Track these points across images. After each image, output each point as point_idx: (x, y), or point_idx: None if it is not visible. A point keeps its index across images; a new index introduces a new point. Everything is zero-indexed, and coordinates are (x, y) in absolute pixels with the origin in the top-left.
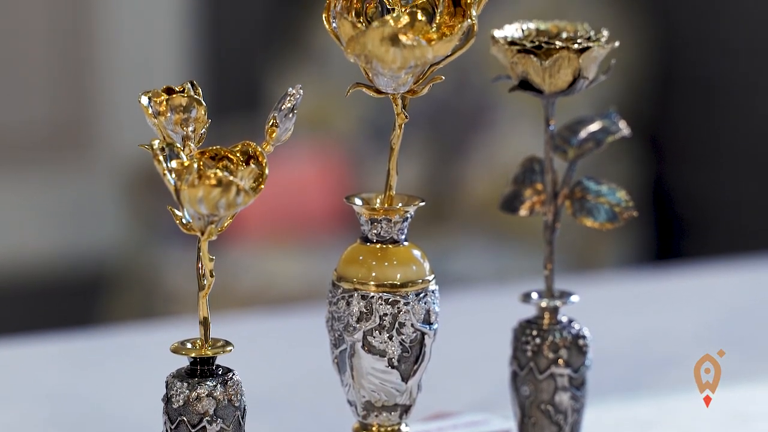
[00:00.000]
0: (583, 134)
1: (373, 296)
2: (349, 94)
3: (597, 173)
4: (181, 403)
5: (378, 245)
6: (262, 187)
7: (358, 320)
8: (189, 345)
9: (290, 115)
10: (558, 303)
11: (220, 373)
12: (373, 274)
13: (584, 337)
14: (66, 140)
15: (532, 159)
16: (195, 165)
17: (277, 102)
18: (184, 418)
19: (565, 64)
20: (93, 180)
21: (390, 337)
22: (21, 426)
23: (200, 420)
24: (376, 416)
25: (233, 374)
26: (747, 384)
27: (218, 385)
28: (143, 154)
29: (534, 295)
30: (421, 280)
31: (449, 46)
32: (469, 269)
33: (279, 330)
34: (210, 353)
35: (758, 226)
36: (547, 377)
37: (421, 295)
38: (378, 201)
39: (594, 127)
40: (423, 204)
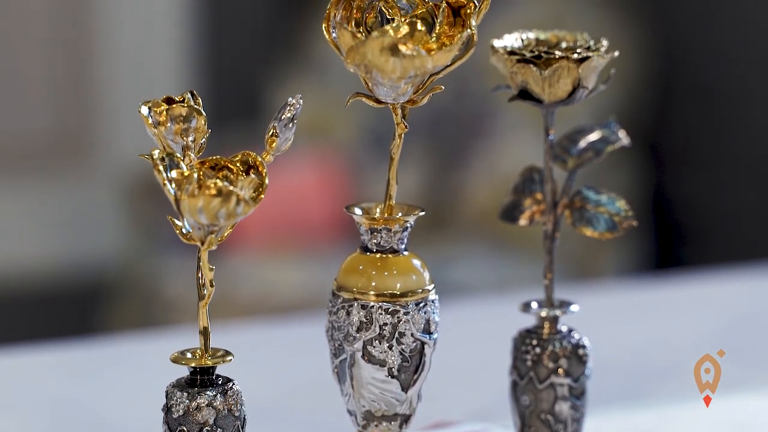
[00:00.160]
0: (582, 144)
1: (373, 306)
2: (349, 104)
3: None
4: (181, 412)
5: (378, 255)
6: (262, 197)
7: (358, 330)
8: (189, 355)
9: (290, 125)
10: (558, 312)
11: (220, 382)
12: (373, 284)
13: (584, 346)
14: (66, 149)
15: (531, 169)
16: (195, 175)
17: (277, 112)
18: (184, 428)
19: (565, 74)
20: (93, 189)
21: (390, 347)
22: None
23: (200, 430)
24: (376, 426)
25: (233, 384)
26: (747, 393)
27: (218, 395)
28: (143, 162)
29: (534, 305)
30: (421, 290)
31: (449, 56)
32: (469, 278)
33: (279, 339)
34: (210, 363)
35: (758, 234)
36: (547, 387)
37: (421, 304)
38: (378, 211)
39: (594, 136)
40: (423, 213)
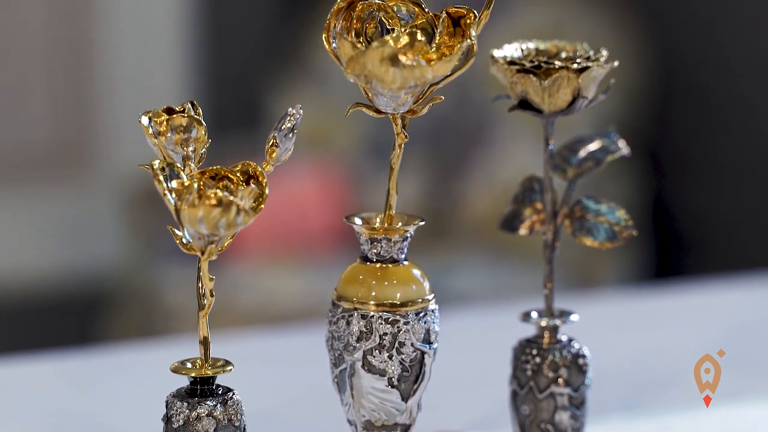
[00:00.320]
0: (582, 153)
1: (373, 315)
2: (349, 114)
3: (597, 190)
4: (181, 422)
5: (378, 264)
6: (262, 206)
7: (358, 340)
8: (189, 365)
9: (290, 135)
10: (558, 322)
11: (220, 392)
12: (373, 294)
13: (584, 356)
14: (67, 158)
15: (531, 178)
16: (195, 185)
17: (277, 122)
18: None
19: (565, 84)
20: (93, 198)
21: (390, 357)
22: None
23: None
24: None
25: (233, 394)
26: (747, 401)
27: (218, 405)
28: (143, 172)
29: (534, 315)
30: (420, 300)
31: (449, 66)
32: (469, 286)
33: (279, 349)
34: (210, 373)
35: (758, 243)
36: (547, 396)
37: (421, 314)
38: (378, 220)
39: (593, 146)
40: (423, 223)
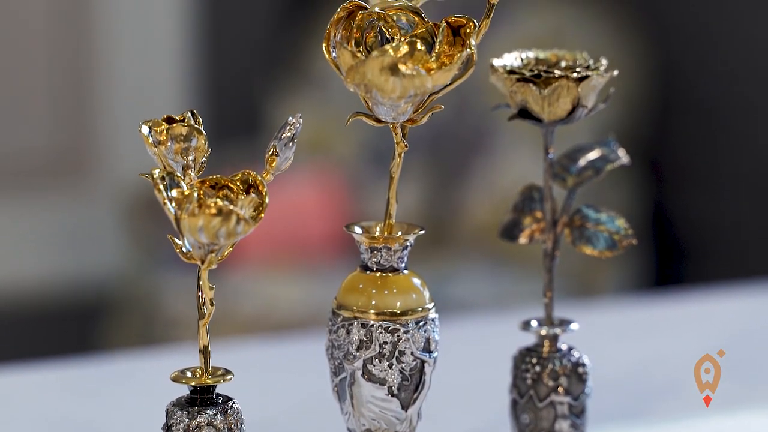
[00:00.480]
0: (582, 162)
1: (373, 324)
2: (349, 123)
3: (596, 198)
4: (181, 431)
5: (378, 273)
6: (262, 216)
7: (358, 348)
8: (189, 374)
9: (290, 144)
10: (557, 331)
11: (220, 401)
12: (373, 303)
13: (584, 365)
14: (66, 166)
15: (531, 187)
16: (195, 194)
17: (277, 131)
18: None
19: (564, 93)
20: (93, 206)
21: (390, 366)
22: None
23: None
24: None
25: (233, 403)
26: (747, 410)
27: (218, 414)
28: (143, 179)
29: (534, 323)
30: (420, 309)
31: (448, 75)
32: (469, 294)
33: (279, 357)
34: (210, 382)
35: (758, 251)
36: (547, 405)
37: (421, 323)
38: (378, 229)
39: (593, 155)
40: (423, 232)
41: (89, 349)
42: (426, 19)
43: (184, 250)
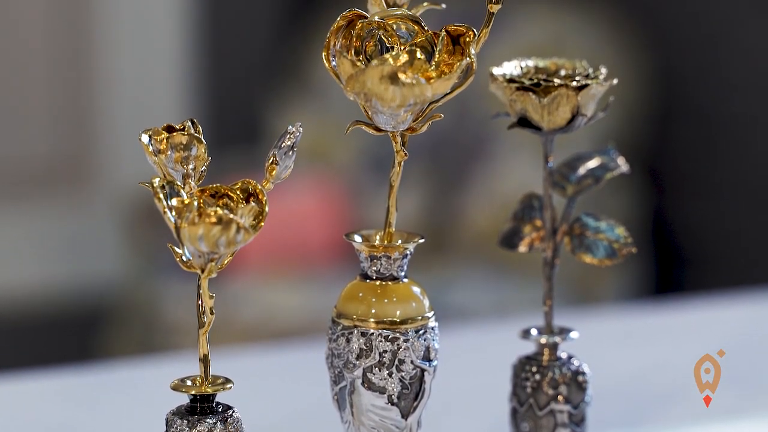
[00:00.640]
0: (581, 171)
1: (372, 333)
2: (348, 132)
3: (596, 205)
4: None
5: (377, 282)
6: (262, 224)
7: (358, 357)
8: (189, 382)
9: (290, 153)
10: (557, 339)
11: (220, 410)
12: (373, 311)
13: (584, 373)
14: (66, 174)
15: (531, 195)
16: (195, 203)
17: (277, 140)
18: None
19: (564, 102)
20: (93, 213)
21: (390, 374)
22: None
23: None
24: None
25: (233, 411)
26: (747, 419)
27: (218, 423)
28: (143, 187)
29: (533, 332)
30: (420, 317)
31: (448, 84)
32: (469, 301)
33: (279, 366)
34: (210, 391)
35: (758, 258)
36: (547, 414)
37: (421, 331)
38: (377, 238)
39: (593, 163)
40: (422, 241)
41: (89, 357)
42: (426, 28)
43: (184, 258)
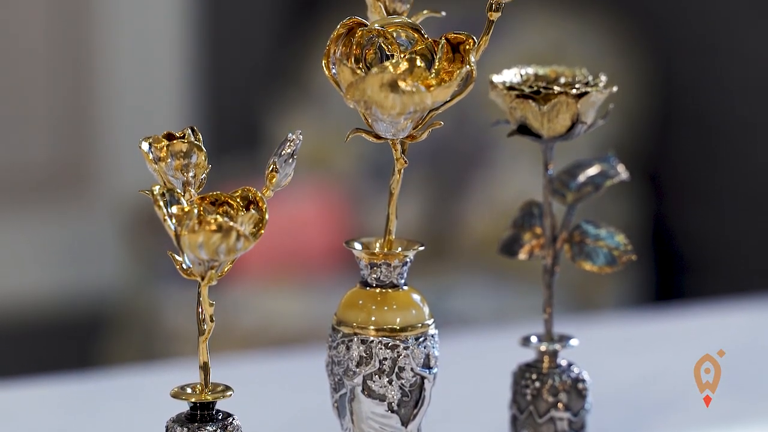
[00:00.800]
0: (581, 178)
1: (372, 341)
2: (348, 140)
3: (596, 212)
4: None
5: (377, 289)
6: (262, 232)
7: (358, 364)
8: (189, 390)
9: (290, 161)
10: (557, 347)
11: (220, 417)
12: (373, 319)
13: (584, 380)
14: (66, 180)
15: (531, 203)
16: (195, 210)
17: (277, 147)
18: None
19: (564, 109)
20: (93, 220)
21: (390, 382)
22: None
23: None
24: None
25: (233, 419)
26: (747, 427)
27: (218, 430)
28: (143, 194)
29: (533, 339)
30: (420, 325)
31: (448, 91)
32: (469, 307)
33: (279, 373)
34: (210, 398)
35: (759, 265)
36: (547, 421)
37: (421, 339)
38: (377, 245)
39: (593, 171)
40: (422, 249)
41: (89, 364)
42: (425, 36)
43: (184, 266)
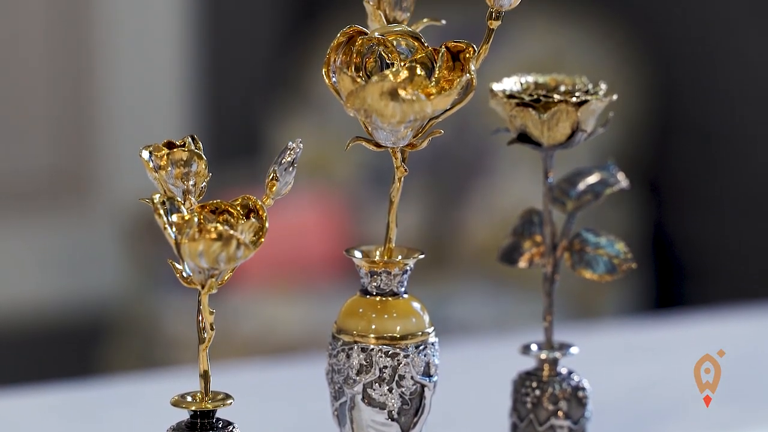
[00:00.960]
0: (581, 186)
1: (372, 349)
2: (348, 148)
3: (596, 219)
4: None
5: (378, 298)
6: (262, 240)
7: (358, 373)
8: (189, 398)
9: (290, 169)
10: (557, 355)
11: (220, 426)
12: (373, 327)
13: (584, 388)
14: (66, 188)
15: (530, 211)
16: (195, 219)
17: (277, 156)
18: None
19: (564, 118)
20: (93, 227)
21: (390, 390)
22: None
23: None
24: None
25: (233, 427)
26: None
27: None
28: (143, 202)
29: (533, 347)
30: (420, 333)
31: (448, 100)
32: (469, 315)
33: (279, 381)
34: (210, 407)
35: (759, 273)
36: (547, 429)
37: (421, 347)
38: (377, 254)
39: (593, 179)
40: (422, 257)
41: (89, 371)
42: (425, 44)
43: (184, 274)
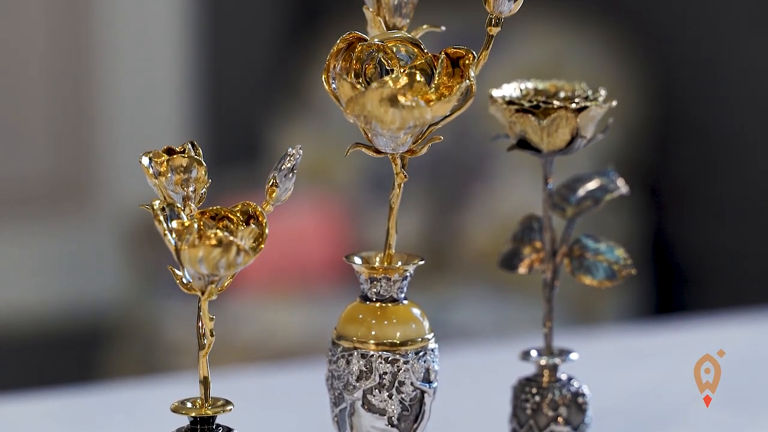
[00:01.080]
0: (581, 192)
1: (372, 355)
2: (348, 154)
3: (596, 224)
4: None
5: (377, 304)
6: (262, 246)
7: (358, 379)
8: (189, 404)
9: (290, 175)
10: (557, 361)
11: None
12: (373, 333)
13: (584, 394)
14: (66, 193)
15: (530, 217)
16: (195, 225)
17: (277, 162)
18: None
19: (563, 124)
20: (93, 233)
21: (390, 396)
22: None
23: None
24: None
25: None
26: None
27: None
28: (143, 208)
29: (533, 353)
30: (420, 339)
31: (448, 106)
32: (469, 320)
33: (279, 387)
34: (210, 413)
35: (759, 278)
36: None
37: (421, 353)
38: (377, 260)
39: (592, 185)
40: (422, 263)
41: (89, 377)
42: (425, 51)
43: (184, 280)
